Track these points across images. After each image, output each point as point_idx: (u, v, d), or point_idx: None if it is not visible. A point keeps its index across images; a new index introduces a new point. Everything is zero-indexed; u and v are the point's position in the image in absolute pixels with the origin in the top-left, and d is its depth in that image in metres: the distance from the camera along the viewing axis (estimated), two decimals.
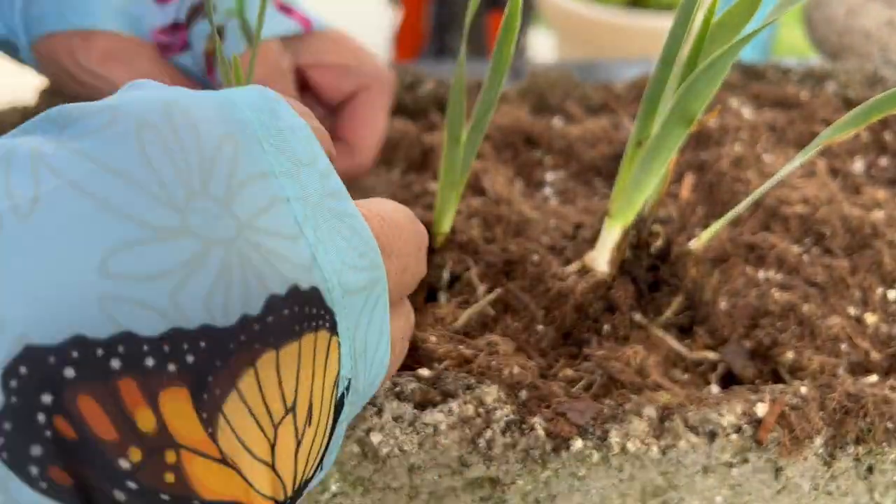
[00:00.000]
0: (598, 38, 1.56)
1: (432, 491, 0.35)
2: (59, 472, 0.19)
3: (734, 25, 0.37)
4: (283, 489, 0.22)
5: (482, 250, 0.43)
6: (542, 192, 0.54)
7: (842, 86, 0.62)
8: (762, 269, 0.45)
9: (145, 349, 0.19)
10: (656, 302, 0.42)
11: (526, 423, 0.34)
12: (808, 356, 0.39)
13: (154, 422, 0.19)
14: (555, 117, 0.60)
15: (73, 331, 0.18)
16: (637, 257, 0.41)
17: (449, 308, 0.40)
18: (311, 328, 0.21)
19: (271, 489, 0.22)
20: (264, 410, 0.21)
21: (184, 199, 0.20)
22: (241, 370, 0.20)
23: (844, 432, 0.35)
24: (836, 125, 0.36)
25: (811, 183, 0.50)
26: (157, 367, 0.19)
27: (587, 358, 0.39)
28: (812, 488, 0.36)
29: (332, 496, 0.35)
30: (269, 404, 0.21)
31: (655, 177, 0.38)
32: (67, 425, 0.19)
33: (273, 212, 0.21)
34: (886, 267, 0.44)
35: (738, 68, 0.64)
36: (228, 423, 0.20)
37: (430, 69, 0.63)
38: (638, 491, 0.35)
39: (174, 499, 0.20)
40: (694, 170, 0.53)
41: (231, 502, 0.21)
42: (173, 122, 0.21)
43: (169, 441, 0.20)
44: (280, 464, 0.22)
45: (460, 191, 0.40)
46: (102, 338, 0.19)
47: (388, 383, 0.35)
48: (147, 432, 0.19)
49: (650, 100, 0.38)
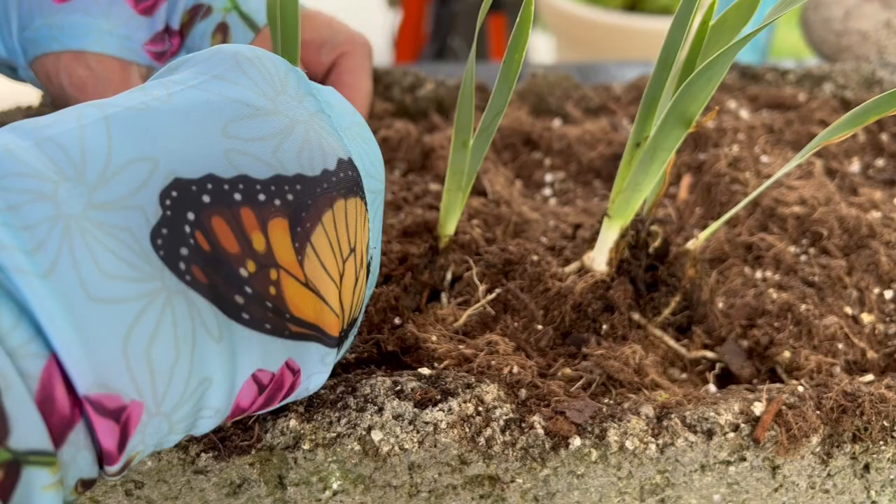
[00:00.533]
0: (597, 41, 1.57)
1: (432, 489, 0.35)
2: (199, 271, 0.25)
3: (732, 27, 0.37)
4: (342, 320, 0.29)
5: (482, 251, 0.44)
6: (541, 193, 0.54)
7: (839, 87, 0.62)
8: (759, 269, 0.45)
9: (258, 188, 0.26)
10: (654, 302, 0.42)
11: (525, 422, 0.34)
12: (805, 355, 0.40)
13: (264, 243, 0.26)
14: (554, 119, 0.60)
15: (207, 170, 0.26)
16: (635, 257, 0.42)
17: (450, 308, 0.41)
18: (359, 195, 0.29)
19: (338, 317, 0.29)
20: (338, 246, 0.28)
21: (272, 93, 0.28)
22: (324, 209, 0.27)
23: (841, 431, 0.35)
24: (834, 126, 0.36)
25: (808, 184, 0.50)
26: (266, 201, 0.26)
27: (586, 357, 0.39)
28: (809, 486, 0.36)
29: (333, 494, 0.35)
30: (340, 241, 0.28)
31: (654, 178, 0.38)
32: (204, 238, 0.25)
33: (322, 117, 0.29)
34: (883, 267, 0.44)
35: (736, 70, 0.64)
36: (315, 252, 0.27)
37: (430, 70, 0.63)
38: (636, 489, 0.35)
39: (275, 309, 0.27)
40: (692, 171, 0.53)
41: (309, 322, 0.28)
42: (255, 53, 0.29)
43: (273, 261, 0.27)
44: (344, 295, 0.29)
45: (466, 194, 0.40)
46: (228, 177, 0.26)
47: (388, 382, 0.35)
48: (259, 251, 0.26)
49: (649, 101, 0.38)
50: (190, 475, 0.34)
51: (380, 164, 0.31)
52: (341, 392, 0.35)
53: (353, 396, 0.35)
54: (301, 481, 0.34)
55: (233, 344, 0.26)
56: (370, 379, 0.35)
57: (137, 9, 0.43)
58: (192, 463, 0.34)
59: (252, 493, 0.35)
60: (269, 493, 0.35)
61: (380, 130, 0.55)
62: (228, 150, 0.26)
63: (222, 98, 0.27)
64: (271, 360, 0.28)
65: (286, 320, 0.27)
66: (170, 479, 0.34)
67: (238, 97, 0.27)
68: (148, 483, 0.34)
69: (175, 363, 0.25)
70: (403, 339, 0.39)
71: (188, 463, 0.34)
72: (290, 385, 0.29)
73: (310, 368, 0.29)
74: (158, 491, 0.34)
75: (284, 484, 0.34)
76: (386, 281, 0.42)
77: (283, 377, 0.29)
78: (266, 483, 0.34)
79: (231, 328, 0.26)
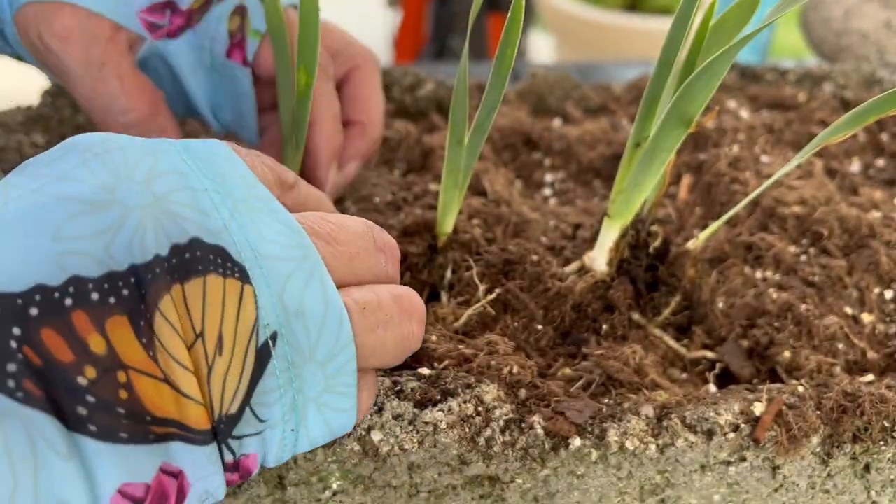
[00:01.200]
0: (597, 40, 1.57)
1: (432, 489, 0.35)
2: (32, 386, 0.23)
3: (732, 27, 0.37)
4: (212, 411, 0.26)
5: (482, 250, 0.44)
6: (541, 193, 0.54)
7: (839, 87, 0.62)
8: (760, 269, 0.45)
9: (90, 287, 0.24)
10: (654, 302, 0.42)
11: (525, 422, 0.34)
12: (805, 355, 0.40)
13: (104, 345, 0.24)
14: (554, 119, 0.60)
15: (35, 280, 0.24)
16: (636, 257, 0.42)
17: (450, 308, 0.41)
18: (218, 273, 0.26)
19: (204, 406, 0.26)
20: (182, 333, 0.26)
21: (113, 183, 0.26)
22: (160, 295, 0.25)
23: (841, 431, 0.35)
24: (834, 126, 0.36)
25: (808, 183, 0.50)
26: (100, 301, 0.25)
27: (586, 357, 0.39)
28: (809, 487, 0.36)
29: (333, 494, 0.35)
30: (184, 328, 0.26)
31: (654, 177, 0.38)
32: (33, 353, 0.24)
33: (187, 193, 0.27)
34: (883, 267, 0.44)
35: (736, 70, 0.64)
36: (161, 344, 0.25)
37: (430, 70, 0.63)
38: (636, 489, 0.35)
39: (130, 414, 0.25)
40: (692, 171, 0.53)
41: (173, 419, 0.26)
42: (109, 146, 0.28)
43: (118, 362, 0.25)
44: (213, 383, 0.26)
45: (463, 192, 0.40)
46: (58, 283, 0.24)
47: (387, 382, 0.35)
48: (99, 354, 0.24)
49: (649, 101, 0.38)
50: None
51: (292, 229, 0.29)
52: None
53: None
54: (301, 481, 0.34)
55: (85, 460, 0.24)
56: None
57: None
58: None
59: (251, 493, 0.35)
60: (268, 493, 0.35)
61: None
62: (60, 253, 0.25)
63: (58, 200, 0.26)
64: (139, 471, 0.25)
65: (147, 423, 0.25)
66: None
67: (75, 194, 0.26)
68: None
69: (14, 492, 0.23)
70: None
71: None
72: (177, 490, 0.26)
73: (197, 471, 0.27)
74: None
75: (284, 484, 0.34)
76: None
77: (164, 486, 0.26)
78: (265, 483, 0.34)
79: (79, 443, 0.24)
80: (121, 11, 0.41)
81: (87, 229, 0.25)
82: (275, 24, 0.39)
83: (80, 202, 0.26)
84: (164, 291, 0.25)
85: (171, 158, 0.28)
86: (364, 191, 0.49)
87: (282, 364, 0.28)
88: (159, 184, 0.27)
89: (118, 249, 0.25)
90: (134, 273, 0.25)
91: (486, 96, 0.37)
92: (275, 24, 0.39)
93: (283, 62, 0.40)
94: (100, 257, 0.25)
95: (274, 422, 0.28)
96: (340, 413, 0.30)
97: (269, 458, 0.29)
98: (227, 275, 0.27)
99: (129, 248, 0.25)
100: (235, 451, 0.28)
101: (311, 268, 0.28)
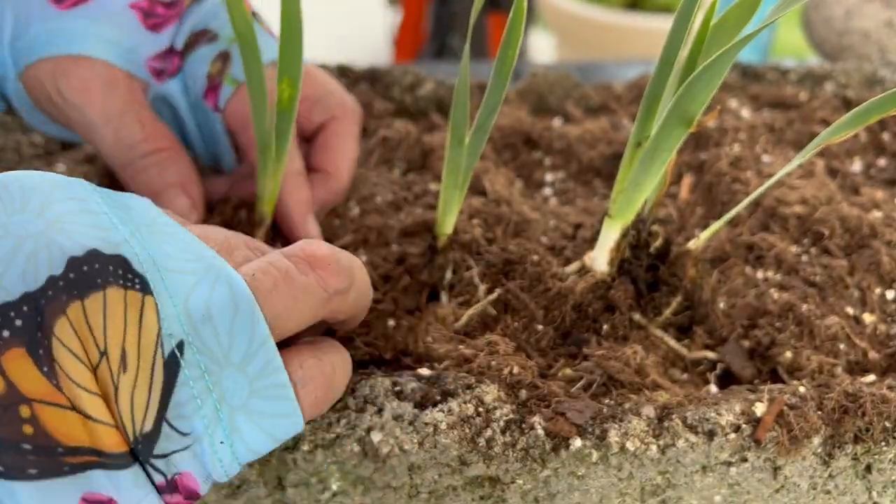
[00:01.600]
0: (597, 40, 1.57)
1: (432, 490, 0.35)
2: None
3: (733, 27, 0.37)
4: (127, 432, 0.26)
5: (483, 250, 0.44)
6: (541, 193, 0.54)
7: (840, 86, 0.62)
8: (761, 269, 0.45)
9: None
10: (655, 302, 0.42)
11: (525, 423, 0.34)
12: (806, 356, 0.40)
13: (2, 382, 0.24)
14: (554, 118, 0.60)
15: None
16: (636, 257, 0.42)
17: (450, 308, 0.41)
18: (118, 284, 0.26)
19: (116, 428, 0.26)
20: (84, 354, 0.25)
21: (5, 218, 0.26)
22: (55, 319, 0.25)
23: (843, 431, 0.35)
24: (835, 126, 0.36)
25: (810, 183, 0.50)
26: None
27: (586, 357, 0.39)
28: (810, 487, 0.36)
29: (333, 495, 0.35)
30: (86, 348, 0.25)
31: (655, 177, 0.38)
32: None
33: (85, 215, 0.27)
34: (885, 267, 0.44)
35: (737, 69, 0.64)
36: (63, 370, 0.24)
37: (430, 69, 0.63)
38: (637, 490, 0.35)
39: (38, 448, 0.24)
40: (693, 170, 0.53)
41: (87, 447, 0.25)
42: (6, 181, 0.27)
43: (20, 397, 0.24)
44: (121, 402, 0.26)
45: (463, 192, 0.40)
46: None
47: (387, 382, 0.35)
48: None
49: (650, 100, 0.38)
50: None
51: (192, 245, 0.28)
52: None
53: (352, 397, 0.34)
54: (300, 482, 0.34)
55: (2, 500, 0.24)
56: (369, 380, 0.35)
57: (146, 23, 0.42)
58: None
59: (251, 493, 0.35)
60: (268, 494, 0.35)
61: (379, 130, 0.55)
62: None
63: None
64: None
65: (59, 455, 0.25)
66: None
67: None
68: None
69: None
70: (403, 340, 0.39)
71: None
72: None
73: (126, 497, 0.26)
74: None
75: (284, 485, 0.34)
76: (385, 281, 0.42)
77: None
78: (265, 484, 0.34)
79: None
80: (131, 60, 0.42)
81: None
82: (243, 31, 0.38)
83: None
84: (60, 313, 0.25)
85: (73, 188, 0.27)
86: (365, 190, 0.49)
87: (194, 372, 0.27)
88: (54, 210, 0.26)
89: (10, 280, 0.25)
90: (27, 301, 0.25)
91: (487, 97, 0.37)
92: (243, 31, 0.38)
93: (255, 75, 0.39)
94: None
95: (198, 434, 0.27)
96: (280, 419, 0.28)
97: (214, 472, 0.28)
98: (128, 286, 0.26)
99: (22, 276, 0.25)
100: (165, 471, 0.27)
101: (217, 274, 0.27)
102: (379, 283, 0.42)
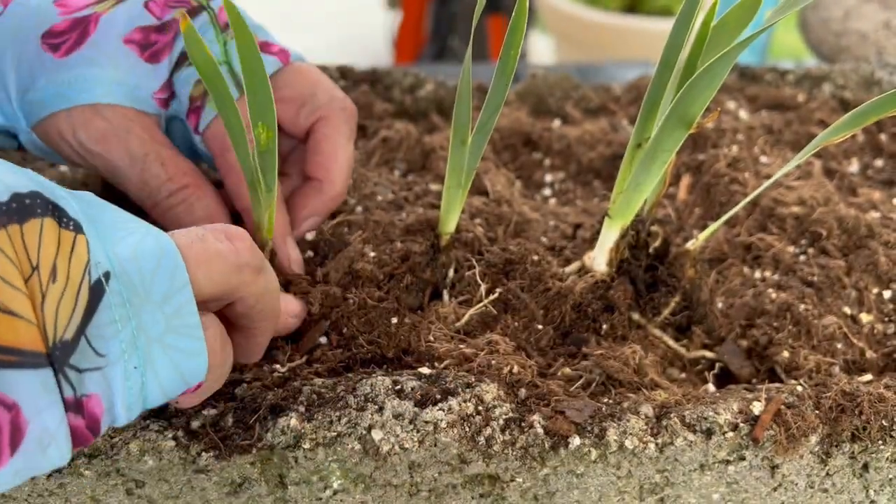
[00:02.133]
0: (597, 41, 1.57)
1: (432, 488, 0.35)
2: None
3: (733, 29, 0.37)
4: (46, 334, 0.27)
5: (484, 250, 0.44)
6: (541, 193, 0.54)
7: (838, 87, 0.62)
8: (759, 270, 0.45)
9: None
10: (654, 302, 0.42)
11: (525, 421, 0.34)
12: (804, 355, 0.40)
13: None
14: (554, 119, 0.60)
15: None
16: (635, 258, 0.42)
17: (451, 307, 0.41)
18: (55, 219, 0.28)
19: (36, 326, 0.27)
20: (17, 261, 0.27)
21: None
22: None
23: (840, 430, 0.35)
24: (833, 127, 0.37)
25: (807, 184, 0.50)
26: None
27: (586, 357, 0.39)
28: (808, 486, 0.36)
29: (334, 493, 0.35)
30: (19, 259, 0.27)
31: (655, 178, 0.39)
32: None
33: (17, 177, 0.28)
34: (882, 267, 0.44)
35: (735, 70, 0.64)
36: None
37: (430, 71, 0.63)
38: (635, 488, 0.35)
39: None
40: (691, 171, 0.53)
41: (8, 346, 0.26)
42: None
43: None
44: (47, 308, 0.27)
45: (465, 192, 0.41)
46: None
47: (388, 381, 0.35)
48: None
49: (650, 102, 0.38)
50: (191, 474, 0.34)
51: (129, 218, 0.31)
52: (341, 391, 0.35)
53: (353, 396, 0.35)
54: (302, 480, 0.34)
55: None
56: (370, 378, 0.35)
57: (144, 56, 0.42)
58: (193, 462, 0.34)
59: (253, 492, 0.35)
60: (269, 492, 0.35)
61: (380, 131, 0.55)
62: None
63: None
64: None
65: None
66: (171, 478, 0.34)
67: None
68: (149, 482, 0.34)
69: None
70: (406, 338, 0.39)
71: (189, 462, 0.34)
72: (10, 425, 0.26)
73: (32, 402, 0.27)
74: (159, 490, 0.35)
75: (285, 483, 0.35)
76: (388, 279, 0.42)
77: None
78: (267, 482, 0.35)
79: None
80: (139, 98, 0.42)
81: None
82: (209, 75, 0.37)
83: None
84: (1, 228, 0.27)
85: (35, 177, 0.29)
86: (366, 189, 0.49)
87: (116, 299, 0.29)
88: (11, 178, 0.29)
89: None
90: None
91: (489, 97, 0.37)
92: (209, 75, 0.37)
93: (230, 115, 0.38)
94: None
95: (114, 357, 0.29)
96: (190, 357, 0.31)
97: (117, 403, 0.29)
98: (63, 226, 0.28)
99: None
100: (76, 386, 0.28)
101: (147, 230, 0.31)
102: (383, 281, 0.42)
